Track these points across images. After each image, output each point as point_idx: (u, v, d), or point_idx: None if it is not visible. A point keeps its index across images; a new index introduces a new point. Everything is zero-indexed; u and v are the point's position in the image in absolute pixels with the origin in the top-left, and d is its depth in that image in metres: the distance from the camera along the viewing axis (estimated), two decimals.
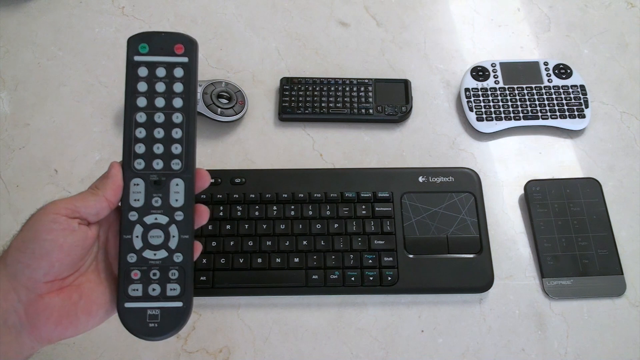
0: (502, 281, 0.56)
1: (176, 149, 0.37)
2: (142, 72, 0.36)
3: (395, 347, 0.53)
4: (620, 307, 0.55)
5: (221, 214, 0.56)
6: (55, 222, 0.32)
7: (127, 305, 0.35)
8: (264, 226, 0.56)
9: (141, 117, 0.36)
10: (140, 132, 0.36)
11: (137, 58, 0.36)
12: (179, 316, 0.35)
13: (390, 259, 0.55)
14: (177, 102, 0.37)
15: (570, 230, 0.57)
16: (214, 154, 0.63)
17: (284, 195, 0.57)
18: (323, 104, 0.65)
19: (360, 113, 0.64)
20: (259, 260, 0.55)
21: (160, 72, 0.36)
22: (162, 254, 0.36)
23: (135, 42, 0.36)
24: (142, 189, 0.36)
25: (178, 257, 0.36)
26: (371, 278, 0.54)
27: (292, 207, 0.57)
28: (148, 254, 0.35)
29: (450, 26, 0.72)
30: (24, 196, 0.60)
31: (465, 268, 0.55)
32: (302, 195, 0.57)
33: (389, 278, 0.54)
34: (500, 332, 0.54)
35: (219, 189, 0.58)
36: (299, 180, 0.59)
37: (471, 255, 0.55)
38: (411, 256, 0.55)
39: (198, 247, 0.37)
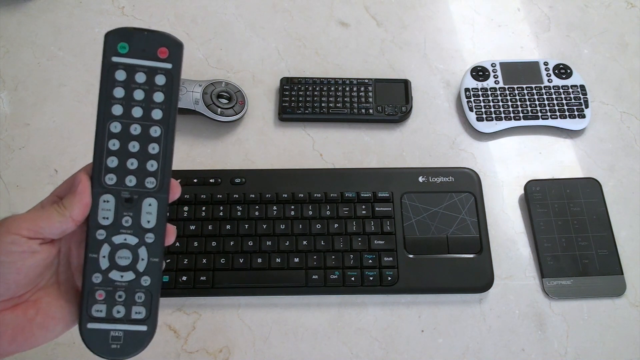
0: (502, 281, 0.56)
1: (152, 165, 0.33)
2: (120, 75, 0.32)
3: (395, 347, 0.53)
4: (620, 307, 0.55)
5: (221, 214, 0.56)
6: (15, 244, 0.30)
7: (90, 326, 0.33)
8: (264, 226, 0.56)
9: (115, 127, 0.33)
10: (114, 144, 0.33)
11: (115, 59, 0.32)
12: (142, 339, 0.34)
13: (390, 259, 0.55)
14: (156, 114, 0.33)
15: (570, 230, 0.57)
16: (214, 154, 0.63)
17: (284, 195, 0.57)
18: (323, 104, 0.65)
19: (360, 113, 0.64)
20: (259, 260, 0.55)
21: (140, 77, 0.33)
22: (130, 275, 0.34)
23: (114, 40, 0.32)
24: (112, 207, 0.33)
25: (146, 281, 0.34)
26: (371, 278, 0.54)
27: (292, 207, 0.57)
28: (114, 275, 0.33)
29: (450, 26, 0.72)
30: (24, 196, 0.60)
31: (465, 268, 0.55)
32: (302, 195, 0.57)
33: (389, 278, 0.54)
34: (500, 332, 0.54)
35: (219, 189, 0.58)
36: (299, 180, 0.59)
37: (471, 255, 0.55)
38: (411, 256, 0.55)
39: (172, 232, 0.35)
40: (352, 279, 0.54)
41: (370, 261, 0.55)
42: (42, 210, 0.32)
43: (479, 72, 0.66)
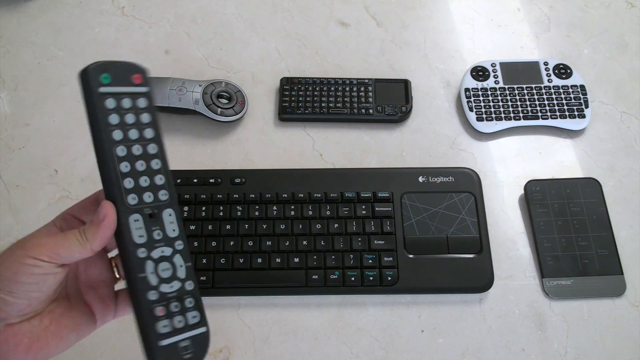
0: (502, 281, 0.56)
1: (160, 179, 0.36)
2: (110, 103, 0.34)
3: (395, 347, 0.53)
4: (620, 307, 0.55)
5: (221, 214, 0.56)
6: (37, 267, 0.32)
7: (162, 343, 0.34)
8: (264, 226, 0.56)
9: (122, 151, 0.34)
10: (126, 167, 0.34)
11: (102, 89, 0.34)
12: (206, 340, 0.35)
13: (390, 259, 0.55)
14: (149, 133, 0.35)
15: (570, 230, 0.57)
16: (214, 154, 0.63)
17: (284, 195, 0.57)
18: (323, 104, 0.65)
19: (360, 113, 0.64)
20: (259, 260, 0.55)
21: (127, 103, 0.35)
22: (176, 285, 0.35)
23: (96, 73, 0.34)
24: (142, 225, 0.34)
25: (190, 285, 0.35)
26: (371, 278, 0.54)
27: (292, 207, 0.57)
28: (165, 287, 0.35)
29: (450, 26, 0.72)
30: (24, 196, 0.60)
31: (465, 268, 0.55)
32: (302, 195, 0.57)
33: (389, 278, 0.54)
34: (500, 332, 0.54)
35: (219, 189, 0.58)
36: (299, 180, 0.59)
37: (471, 255, 0.55)
38: (411, 256, 0.55)
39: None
40: (352, 279, 0.54)
41: (370, 261, 0.55)
42: (62, 237, 0.33)
43: (479, 72, 0.66)
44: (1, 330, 0.32)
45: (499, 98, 0.65)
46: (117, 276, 0.38)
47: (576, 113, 0.64)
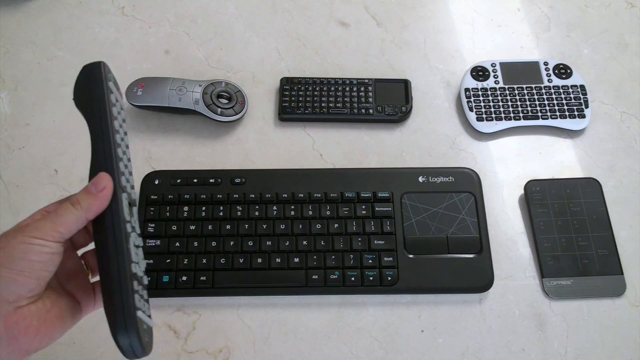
0: (502, 281, 0.56)
1: (129, 173, 0.38)
2: (113, 98, 0.37)
3: (395, 347, 0.53)
4: (620, 307, 0.55)
5: (221, 214, 0.56)
6: (45, 247, 0.33)
7: (139, 314, 0.33)
8: (264, 226, 0.56)
9: (120, 139, 0.36)
10: (121, 152, 0.36)
11: (110, 84, 0.37)
12: (151, 335, 0.35)
13: (390, 259, 0.55)
14: (125, 128, 0.38)
15: (570, 230, 0.57)
16: (214, 154, 0.63)
17: (284, 195, 0.57)
18: (323, 104, 0.65)
19: (360, 113, 0.64)
20: (259, 260, 0.55)
21: (113, 98, 0.37)
22: (141, 273, 0.36)
23: (106, 69, 0.37)
24: (126, 205, 0.35)
25: (146, 280, 0.36)
26: (371, 278, 0.54)
27: (292, 207, 0.57)
28: (135, 267, 0.35)
29: (450, 26, 0.72)
30: (24, 196, 0.60)
31: (465, 268, 0.55)
32: (302, 195, 0.57)
33: (389, 278, 0.54)
34: (500, 332, 0.54)
35: (219, 189, 0.58)
36: (299, 180, 0.59)
37: (471, 255, 0.55)
38: (411, 256, 0.55)
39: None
40: (352, 279, 0.54)
41: (370, 261, 0.55)
42: (56, 215, 0.34)
43: (479, 72, 0.66)
44: (11, 313, 0.32)
45: (499, 98, 0.65)
46: (87, 271, 0.39)
47: (576, 113, 0.64)
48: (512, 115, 0.64)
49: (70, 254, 0.38)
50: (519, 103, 0.64)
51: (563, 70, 0.66)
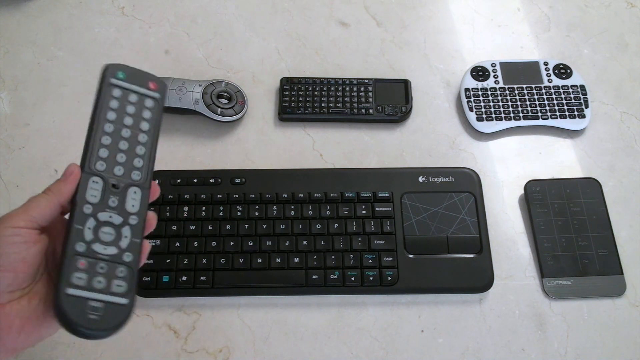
0: (502, 281, 0.56)
1: (138, 162, 0.38)
2: (117, 93, 0.38)
3: (395, 347, 0.53)
4: (620, 307, 0.55)
5: (221, 214, 0.56)
6: (17, 235, 0.33)
7: (69, 291, 0.33)
8: (264, 226, 0.56)
9: (109, 127, 0.37)
10: (106, 140, 0.37)
11: (113, 81, 0.38)
12: (122, 313, 0.34)
13: (390, 259, 0.55)
14: (144, 126, 0.39)
15: (570, 230, 0.57)
16: (214, 154, 0.63)
17: (284, 195, 0.57)
18: (323, 104, 0.65)
19: (360, 113, 0.64)
20: (259, 260, 0.55)
21: (133, 97, 0.39)
22: (112, 250, 0.35)
23: (114, 69, 0.38)
24: (99, 187, 0.36)
25: (128, 257, 0.36)
26: (371, 278, 0.54)
27: (292, 207, 0.57)
28: (98, 247, 0.35)
29: (450, 26, 0.72)
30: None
31: (465, 268, 0.55)
32: (302, 195, 0.57)
33: (389, 278, 0.54)
34: (500, 332, 0.54)
35: (219, 189, 0.58)
36: (299, 180, 0.59)
37: (471, 255, 0.55)
38: (411, 256, 0.55)
39: (147, 247, 0.38)
40: (352, 279, 0.54)
41: (370, 261, 0.55)
42: (30, 201, 0.35)
43: (479, 72, 0.66)
44: None
45: (499, 98, 0.65)
46: None
47: (576, 113, 0.64)
48: (512, 115, 0.64)
49: None
50: (519, 103, 0.64)
51: (563, 70, 0.66)
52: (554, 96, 0.65)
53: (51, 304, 0.33)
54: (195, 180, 0.58)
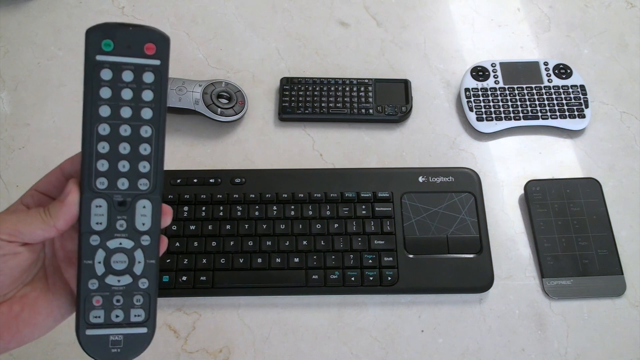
0: (502, 281, 0.56)
1: (144, 167, 0.33)
2: (106, 74, 0.31)
3: (395, 347, 0.53)
4: (620, 307, 0.55)
5: (221, 214, 0.56)
6: None
7: (89, 332, 0.33)
8: (264, 226, 0.56)
9: (104, 130, 0.32)
10: (103, 147, 0.32)
11: (99, 57, 0.31)
12: (142, 341, 0.34)
13: (390, 259, 0.55)
14: (146, 113, 0.33)
15: (570, 230, 0.57)
16: (214, 154, 0.63)
17: (284, 195, 0.57)
18: (323, 104, 0.65)
19: (360, 113, 0.64)
20: (259, 260, 0.55)
21: (127, 76, 0.31)
22: (127, 279, 0.33)
23: (97, 37, 0.30)
24: (104, 211, 0.32)
25: (144, 284, 0.33)
26: (371, 278, 0.54)
27: (292, 207, 0.57)
28: (111, 279, 0.33)
29: (450, 26, 0.72)
30: None
31: (465, 268, 0.55)
32: (302, 195, 0.57)
33: (389, 278, 0.54)
34: (500, 332, 0.54)
35: (219, 189, 0.58)
36: (299, 180, 0.59)
37: (471, 255, 0.55)
38: (411, 256, 0.55)
39: (164, 242, 0.35)
40: (352, 279, 0.54)
41: (370, 261, 0.55)
42: (24, 214, 0.31)
43: (479, 72, 0.66)
44: None
45: (499, 98, 0.65)
46: None
47: (576, 113, 0.64)
48: (512, 115, 0.64)
49: (73, 235, 0.34)
50: (519, 103, 0.64)
51: (563, 70, 0.66)
52: (554, 96, 0.65)
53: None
54: (195, 180, 0.58)
